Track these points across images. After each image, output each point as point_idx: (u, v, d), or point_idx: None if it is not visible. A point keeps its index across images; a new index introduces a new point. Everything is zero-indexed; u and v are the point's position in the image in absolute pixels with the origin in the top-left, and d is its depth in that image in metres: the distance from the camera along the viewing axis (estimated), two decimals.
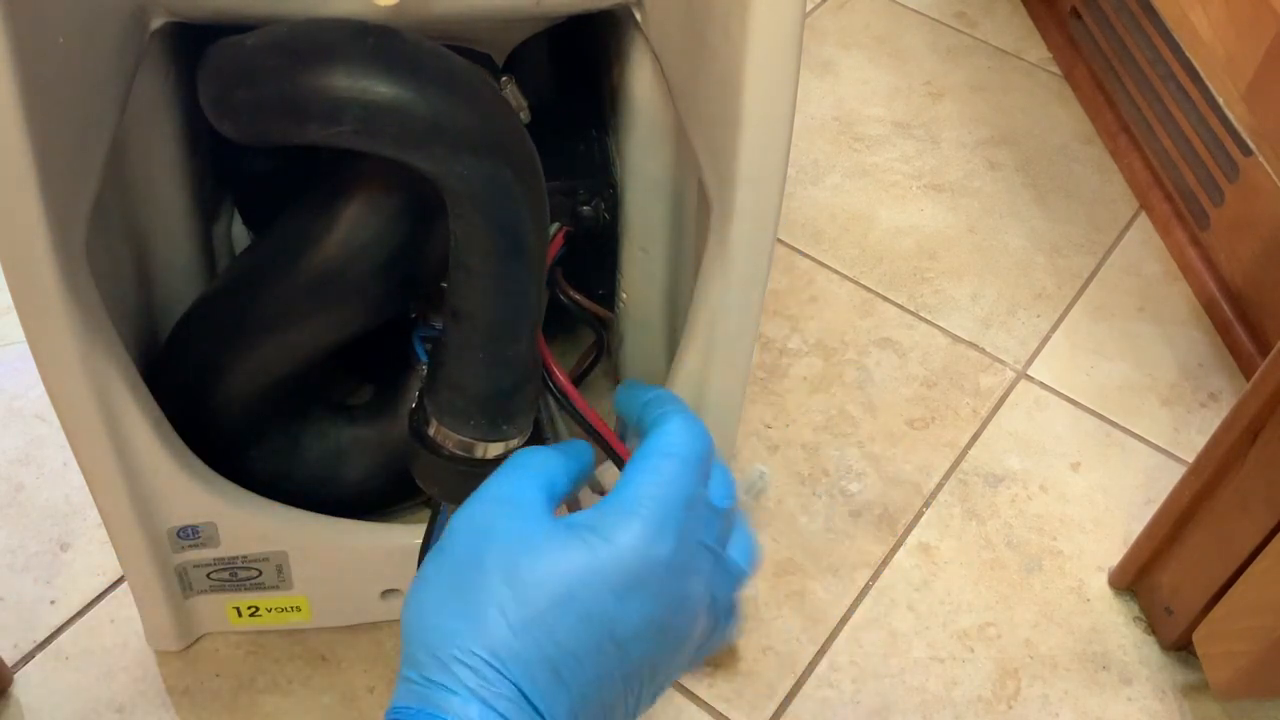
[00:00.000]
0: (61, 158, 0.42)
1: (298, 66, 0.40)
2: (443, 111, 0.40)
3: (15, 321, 0.43)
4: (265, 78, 0.41)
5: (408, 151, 0.41)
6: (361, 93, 0.40)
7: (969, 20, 1.06)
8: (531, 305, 0.46)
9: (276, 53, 0.41)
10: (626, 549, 0.38)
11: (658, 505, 0.39)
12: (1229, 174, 0.80)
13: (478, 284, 0.44)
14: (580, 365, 0.67)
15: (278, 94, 0.41)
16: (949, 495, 0.72)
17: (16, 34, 0.38)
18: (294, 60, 0.40)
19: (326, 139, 0.41)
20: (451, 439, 0.47)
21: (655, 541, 0.38)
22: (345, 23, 0.42)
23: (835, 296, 0.83)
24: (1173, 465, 0.74)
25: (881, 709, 0.63)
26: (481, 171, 0.41)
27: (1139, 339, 0.82)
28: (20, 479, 0.70)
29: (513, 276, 0.44)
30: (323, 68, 0.40)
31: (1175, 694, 0.64)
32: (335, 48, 0.40)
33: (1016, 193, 0.91)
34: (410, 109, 0.40)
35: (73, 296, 0.44)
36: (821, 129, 0.96)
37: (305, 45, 0.41)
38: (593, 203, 0.60)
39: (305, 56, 0.40)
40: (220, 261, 0.61)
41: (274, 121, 0.42)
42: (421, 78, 0.40)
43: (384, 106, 0.40)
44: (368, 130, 0.40)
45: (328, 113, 0.40)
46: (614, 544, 0.38)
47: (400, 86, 0.40)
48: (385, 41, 0.41)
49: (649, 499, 0.39)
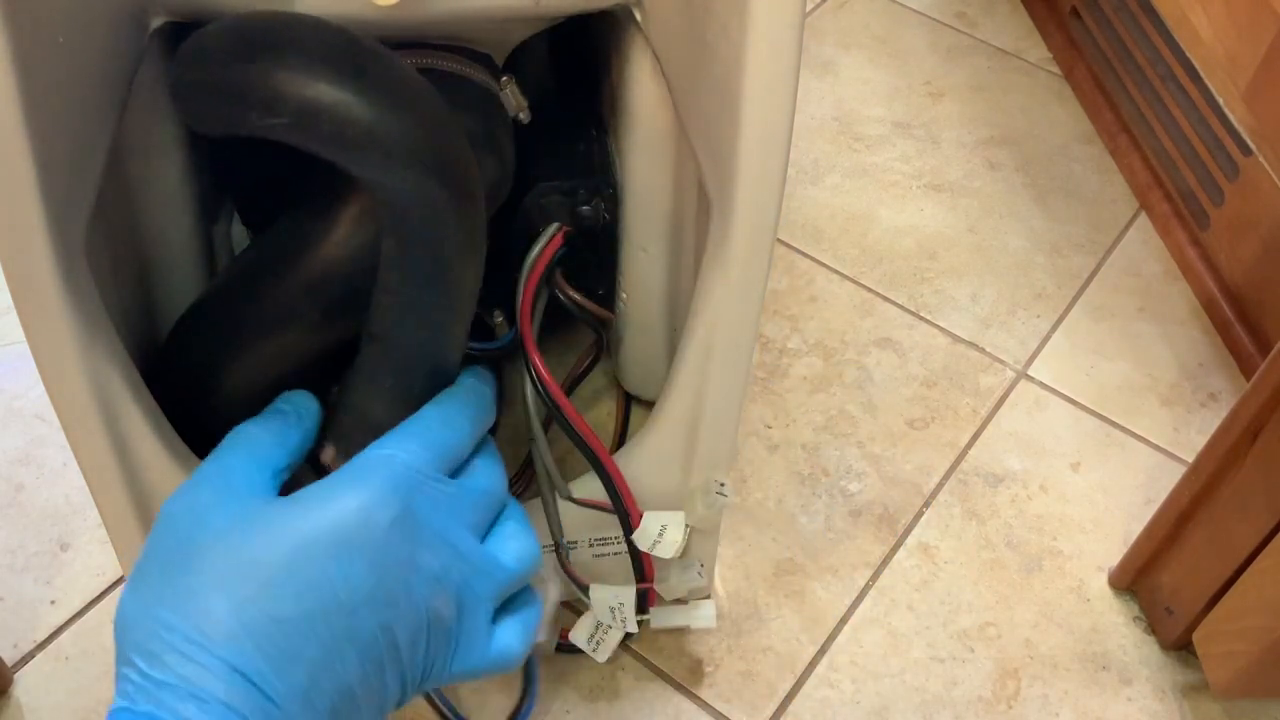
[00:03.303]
0: (61, 158, 0.42)
1: (245, 53, 0.40)
2: (383, 119, 0.39)
3: (15, 321, 0.43)
4: (213, 61, 0.40)
5: (342, 154, 0.40)
6: (301, 87, 0.39)
7: (969, 20, 1.06)
8: (450, 340, 0.45)
9: (230, 38, 0.41)
10: (342, 512, 0.37)
11: (380, 478, 0.39)
12: (1229, 174, 0.80)
13: (397, 307, 0.43)
14: (580, 365, 0.67)
15: (222, 78, 0.40)
16: (949, 495, 0.72)
17: (16, 34, 0.38)
18: (244, 47, 0.40)
19: (266, 130, 0.40)
20: None
21: (374, 510, 0.38)
22: (307, 19, 0.41)
23: (835, 296, 0.83)
24: (1173, 465, 0.74)
25: (881, 709, 0.63)
26: (414, 187, 0.40)
27: (1139, 339, 0.82)
28: (20, 479, 0.70)
29: (431, 305, 0.43)
30: (268, 58, 0.39)
31: (1175, 694, 0.64)
32: (286, 40, 0.40)
33: (1016, 193, 0.91)
34: (347, 111, 0.39)
35: (73, 296, 0.44)
36: (821, 129, 0.96)
37: (258, 34, 0.40)
38: (593, 203, 0.60)
39: (255, 45, 0.40)
40: (220, 261, 0.61)
41: (217, 106, 0.41)
42: (367, 83, 0.40)
43: (321, 104, 0.39)
44: (303, 126, 0.39)
45: (266, 102, 0.39)
46: (329, 509, 0.37)
47: (342, 88, 0.39)
48: (340, 42, 0.40)
49: (371, 470, 0.39)
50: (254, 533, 0.37)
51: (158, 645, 0.34)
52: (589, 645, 0.58)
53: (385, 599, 0.37)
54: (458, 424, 0.43)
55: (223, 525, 0.37)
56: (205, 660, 0.34)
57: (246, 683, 0.34)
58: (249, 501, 0.39)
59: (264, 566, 0.36)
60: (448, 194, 0.41)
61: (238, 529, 0.37)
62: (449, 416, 0.43)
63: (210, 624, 0.35)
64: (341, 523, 0.37)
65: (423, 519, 0.39)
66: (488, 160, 0.53)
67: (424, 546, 0.39)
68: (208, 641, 0.34)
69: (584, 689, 0.62)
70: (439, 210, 0.41)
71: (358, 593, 0.37)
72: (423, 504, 0.40)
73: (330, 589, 0.36)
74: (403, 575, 0.38)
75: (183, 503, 0.39)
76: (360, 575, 0.37)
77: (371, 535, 0.38)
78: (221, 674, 0.34)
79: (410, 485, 0.40)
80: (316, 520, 0.37)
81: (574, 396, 0.70)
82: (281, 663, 0.35)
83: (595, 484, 0.55)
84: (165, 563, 0.37)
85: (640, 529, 0.55)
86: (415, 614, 0.38)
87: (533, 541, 0.44)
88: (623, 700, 0.62)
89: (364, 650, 0.37)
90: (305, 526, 0.37)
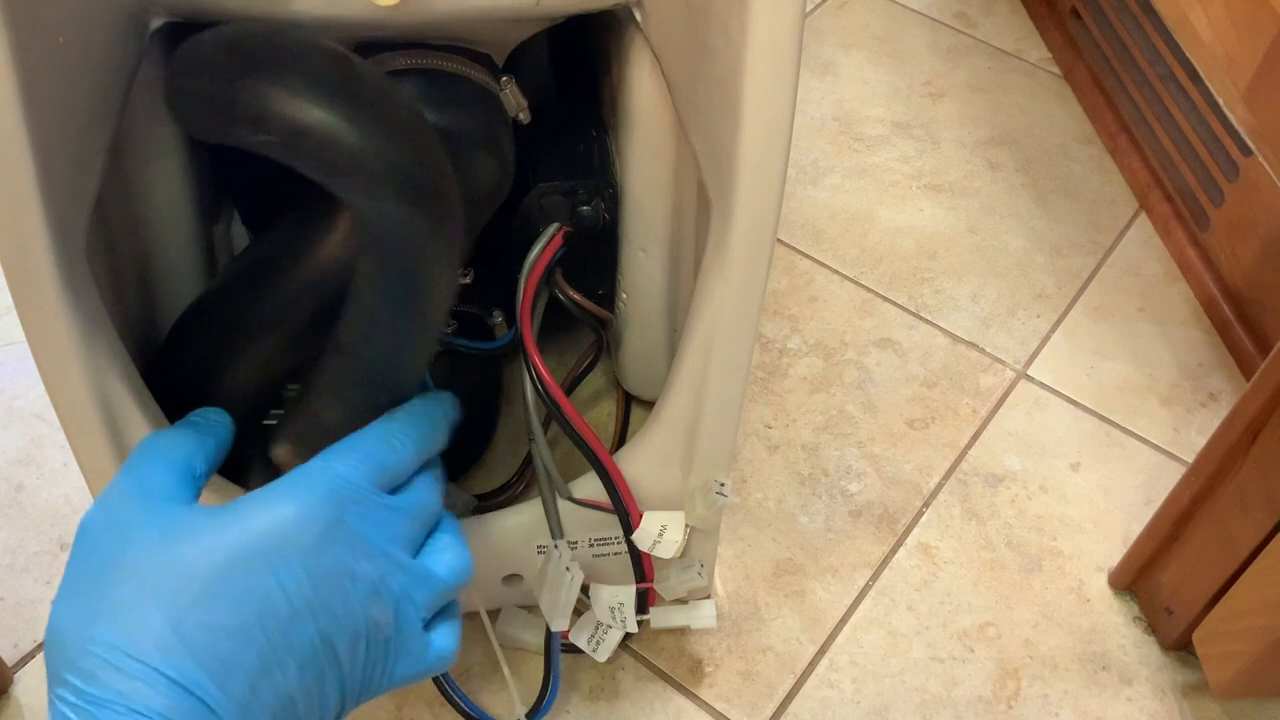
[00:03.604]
0: (61, 158, 0.42)
1: (240, 68, 0.40)
2: (368, 145, 0.40)
3: (15, 321, 0.43)
4: (207, 73, 0.41)
5: (327, 176, 0.40)
6: (290, 107, 0.39)
7: (969, 20, 1.06)
8: (417, 356, 0.45)
9: (225, 51, 0.41)
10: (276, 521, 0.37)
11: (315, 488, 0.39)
12: (1229, 174, 0.80)
13: (365, 322, 0.43)
14: (580, 365, 0.67)
15: (215, 91, 0.40)
16: (949, 495, 0.72)
17: (16, 34, 0.38)
18: (239, 61, 0.40)
19: (253, 145, 0.40)
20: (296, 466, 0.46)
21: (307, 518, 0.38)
22: (305, 37, 0.41)
23: (835, 296, 0.83)
24: (1173, 465, 0.74)
25: (881, 709, 0.63)
26: (396, 215, 0.40)
27: (1139, 339, 0.82)
28: (20, 479, 0.70)
29: (403, 323, 0.43)
30: (262, 75, 0.39)
31: (1175, 694, 0.64)
32: (282, 58, 0.40)
33: (1016, 193, 0.91)
34: (335, 135, 0.39)
35: (73, 296, 0.44)
36: (821, 129, 0.96)
37: (254, 48, 0.40)
38: (593, 203, 0.60)
39: (250, 60, 0.40)
40: (220, 261, 0.61)
41: (208, 116, 0.41)
42: (358, 108, 0.40)
43: (309, 126, 0.39)
44: (290, 146, 0.40)
45: (254, 119, 0.39)
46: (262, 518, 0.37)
47: (332, 112, 0.39)
48: (335, 64, 0.41)
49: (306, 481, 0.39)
50: (185, 542, 0.36)
51: (93, 662, 0.34)
52: (589, 645, 0.58)
53: (323, 608, 0.37)
54: (400, 444, 0.43)
55: (151, 537, 0.37)
56: (143, 674, 0.33)
57: (187, 694, 0.34)
58: (174, 511, 0.38)
59: (198, 576, 0.35)
60: (428, 225, 0.41)
61: (167, 539, 0.37)
62: (392, 435, 0.43)
63: (146, 637, 0.34)
64: (275, 531, 0.37)
65: (357, 530, 0.40)
66: (488, 160, 0.53)
67: (360, 556, 0.39)
68: (145, 655, 0.34)
69: (584, 689, 0.63)
70: (418, 239, 0.41)
71: (295, 601, 0.37)
72: (357, 515, 0.40)
73: (267, 597, 0.36)
74: (340, 584, 0.38)
75: (104, 515, 0.38)
76: (297, 583, 0.37)
77: (305, 543, 0.38)
78: (160, 687, 0.33)
79: (345, 497, 0.40)
80: (249, 528, 0.37)
81: (574, 396, 0.70)
82: (221, 673, 0.34)
83: (595, 484, 0.55)
84: (93, 578, 0.36)
85: (640, 529, 0.55)
86: (354, 623, 0.38)
87: (466, 554, 0.45)
88: (623, 700, 0.62)
89: (304, 660, 0.37)
90: (238, 535, 0.37)
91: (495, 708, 0.61)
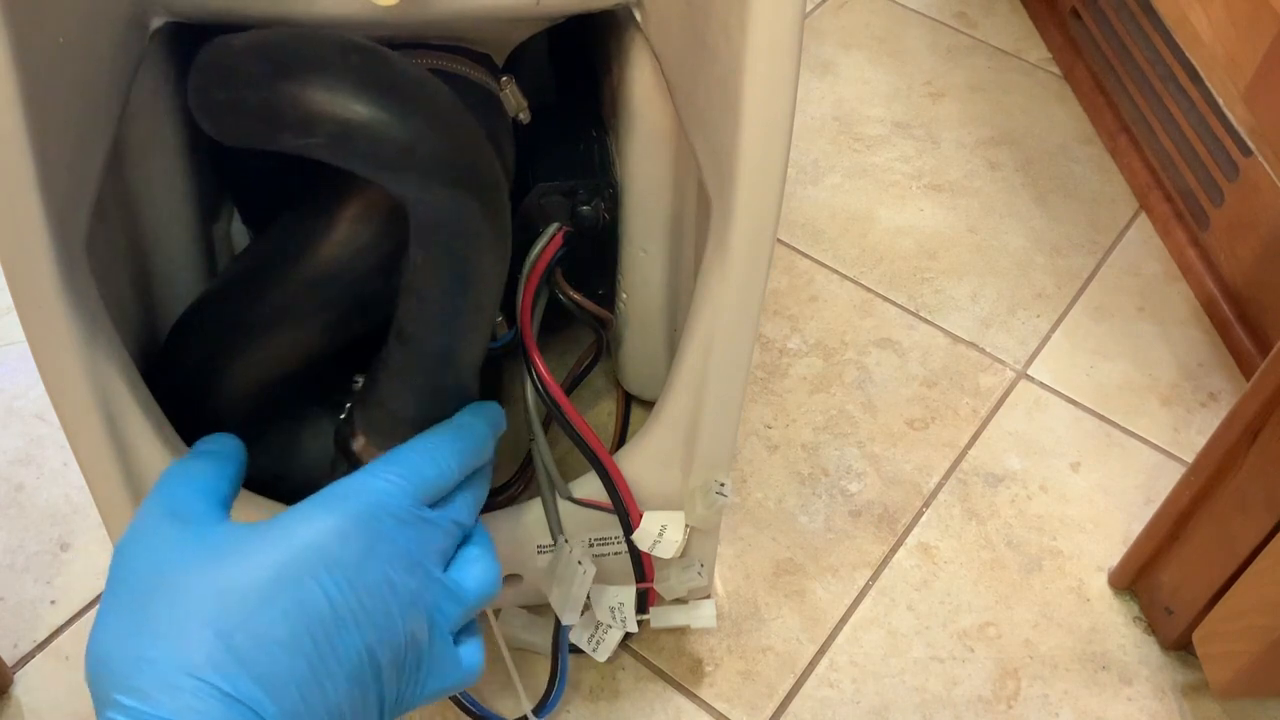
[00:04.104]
0: (61, 158, 0.42)
1: (278, 74, 0.40)
2: (419, 138, 0.40)
3: (15, 321, 0.43)
4: (244, 81, 0.41)
5: (379, 172, 0.40)
6: (338, 108, 0.39)
7: (969, 20, 1.06)
8: (478, 340, 0.46)
9: (258, 57, 0.41)
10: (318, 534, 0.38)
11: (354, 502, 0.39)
12: (1229, 174, 0.80)
13: (428, 312, 0.44)
14: (580, 365, 0.67)
15: (255, 99, 0.40)
16: (949, 495, 0.72)
17: (16, 34, 0.38)
18: (274, 68, 0.40)
19: (299, 149, 0.41)
20: (370, 454, 0.46)
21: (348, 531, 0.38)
22: (333, 36, 0.41)
23: (835, 296, 0.83)
24: (1173, 465, 0.74)
25: (881, 709, 0.63)
26: (450, 203, 0.41)
27: (1139, 339, 0.82)
28: (20, 479, 0.70)
29: (464, 310, 0.44)
30: (302, 78, 0.39)
31: (1175, 694, 0.64)
32: (317, 60, 0.40)
33: (1016, 193, 0.91)
34: (385, 131, 0.39)
35: (73, 296, 0.44)
36: (821, 129, 0.96)
37: (288, 53, 0.40)
38: (593, 203, 0.60)
39: (286, 65, 0.40)
40: (220, 261, 0.61)
41: (249, 125, 0.41)
42: (401, 101, 0.40)
43: (359, 125, 0.39)
44: (340, 146, 0.40)
45: (301, 124, 0.39)
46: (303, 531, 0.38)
47: (378, 108, 0.39)
48: (370, 59, 0.41)
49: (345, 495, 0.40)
50: (231, 559, 0.37)
51: (145, 681, 0.34)
52: (589, 645, 0.58)
53: (367, 619, 0.38)
54: (443, 458, 0.43)
55: (194, 555, 0.37)
56: (197, 690, 0.34)
57: (241, 707, 0.34)
58: (213, 530, 0.38)
59: (246, 591, 0.36)
60: (481, 208, 0.42)
61: (212, 557, 0.37)
62: (437, 449, 0.44)
63: (199, 653, 0.34)
64: (318, 544, 0.38)
65: (397, 543, 0.40)
66: None
67: (400, 570, 0.39)
68: (198, 670, 0.34)
69: (584, 689, 0.63)
70: (473, 224, 0.42)
71: (341, 612, 0.37)
72: (396, 529, 0.40)
73: (315, 608, 0.36)
74: (381, 597, 0.38)
75: (141, 538, 0.38)
76: (342, 594, 0.37)
77: (348, 556, 0.38)
78: (215, 701, 0.34)
79: (386, 510, 0.40)
80: (293, 542, 0.37)
81: (574, 396, 0.70)
82: (273, 685, 0.35)
83: (595, 484, 0.55)
84: (137, 599, 0.36)
85: (640, 529, 0.55)
86: (394, 636, 0.39)
87: (495, 567, 0.45)
88: (623, 700, 0.62)
89: (350, 671, 0.37)
90: (283, 549, 0.37)
91: (496, 706, 0.61)
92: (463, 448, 0.44)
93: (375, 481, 0.41)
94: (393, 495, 0.41)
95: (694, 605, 0.60)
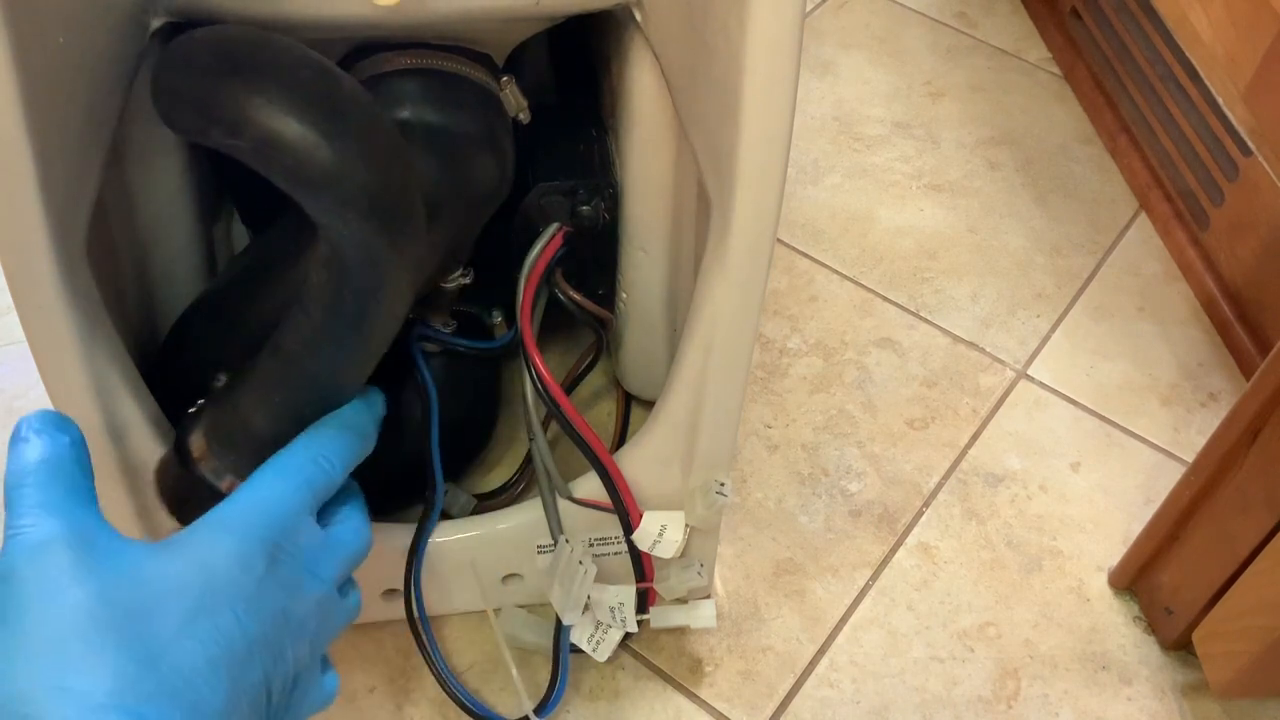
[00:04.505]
0: (61, 158, 0.42)
1: (224, 71, 0.40)
2: (343, 164, 0.39)
3: (15, 321, 0.43)
4: (192, 71, 0.41)
5: (296, 188, 0.40)
6: (268, 117, 0.39)
7: (969, 20, 1.06)
8: (353, 376, 0.45)
9: (213, 51, 0.41)
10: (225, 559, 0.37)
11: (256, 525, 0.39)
12: (1229, 174, 0.80)
13: (312, 335, 0.43)
14: (580, 365, 0.67)
15: (197, 90, 0.40)
16: (949, 495, 0.72)
17: (17, 34, 0.38)
18: (223, 64, 0.40)
19: (227, 148, 0.40)
20: (209, 461, 0.45)
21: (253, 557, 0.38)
22: (296, 48, 0.41)
23: (835, 296, 0.83)
24: (1173, 465, 0.74)
25: (881, 709, 0.63)
26: (362, 236, 0.40)
27: (1139, 339, 0.82)
28: None
29: (349, 343, 0.43)
30: (244, 80, 0.39)
31: (1175, 694, 0.64)
32: (267, 66, 0.40)
33: (1016, 193, 0.91)
34: (309, 151, 0.39)
35: (73, 296, 0.44)
36: (821, 129, 0.96)
37: (242, 53, 0.40)
38: (593, 203, 0.60)
39: (235, 64, 0.40)
40: (220, 261, 0.61)
41: (187, 115, 0.41)
42: (336, 125, 0.39)
43: (285, 138, 0.39)
44: (263, 155, 0.40)
45: (231, 124, 0.39)
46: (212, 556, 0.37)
47: (309, 126, 0.39)
48: (319, 77, 0.40)
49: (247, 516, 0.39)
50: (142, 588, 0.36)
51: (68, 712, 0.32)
52: (589, 645, 0.58)
53: (266, 647, 0.38)
54: (330, 459, 0.43)
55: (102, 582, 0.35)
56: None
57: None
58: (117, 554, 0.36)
59: (164, 620, 0.35)
60: (393, 250, 0.41)
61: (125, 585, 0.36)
62: (322, 451, 0.43)
63: (121, 682, 0.33)
64: (227, 572, 0.37)
65: (292, 565, 0.40)
66: (488, 160, 0.53)
67: (294, 594, 0.39)
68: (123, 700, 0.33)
69: (584, 689, 0.63)
70: (379, 262, 0.41)
71: (252, 640, 0.37)
72: (293, 550, 0.40)
73: (229, 638, 0.36)
74: (278, 623, 0.38)
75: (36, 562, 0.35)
76: (251, 624, 0.37)
77: (250, 583, 0.38)
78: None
79: (284, 527, 0.40)
80: (205, 570, 0.37)
81: (574, 396, 0.70)
82: (197, 715, 0.34)
83: (595, 484, 0.55)
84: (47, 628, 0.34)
85: (640, 529, 0.55)
86: (285, 664, 0.39)
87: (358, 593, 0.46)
88: (623, 700, 0.62)
89: (252, 700, 0.37)
90: (195, 577, 0.37)
91: (496, 706, 0.61)
92: (347, 447, 0.44)
93: (270, 495, 0.41)
94: (289, 512, 0.41)
95: (694, 605, 0.60)
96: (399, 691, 0.62)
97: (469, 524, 0.60)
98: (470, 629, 0.64)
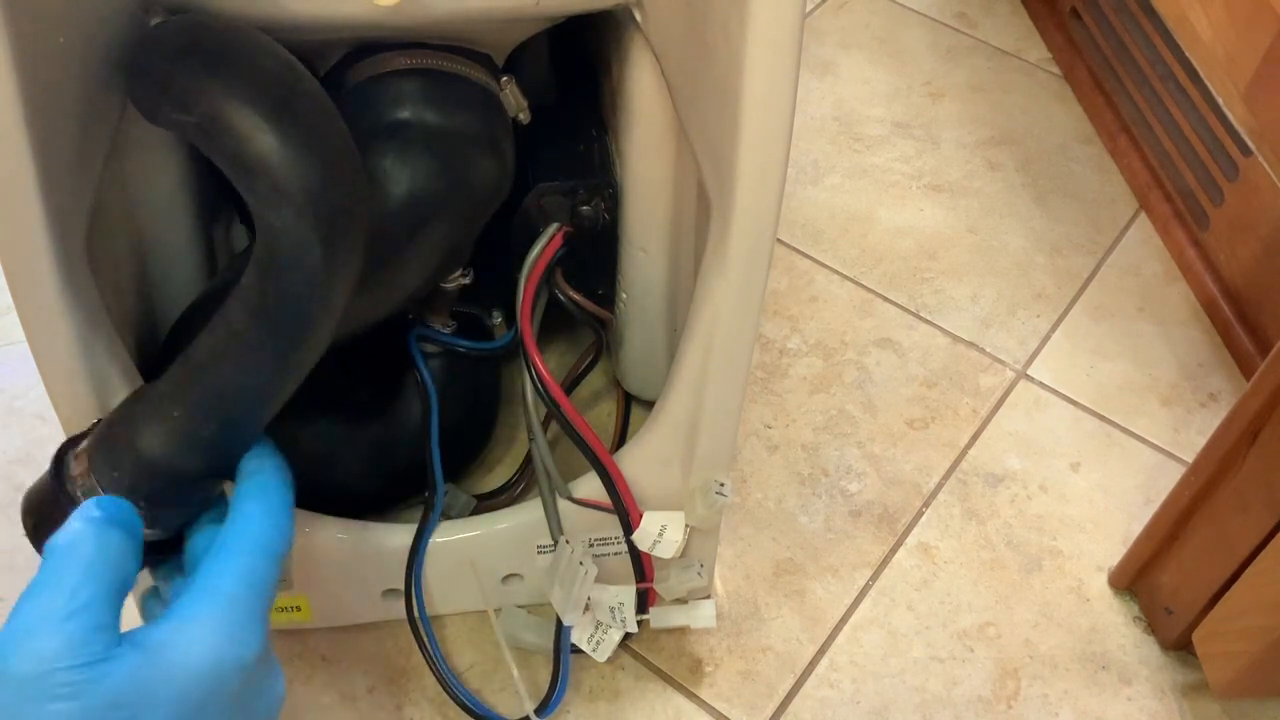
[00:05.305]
0: (61, 158, 0.42)
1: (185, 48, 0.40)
2: (284, 154, 0.38)
3: (15, 321, 0.43)
4: (158, 48, 0.41)
5: (234, 173, 0.39)
6: (217, 95, 0.39)
7: (969, 20, 1.06)
8: (266, 402, 0.41)
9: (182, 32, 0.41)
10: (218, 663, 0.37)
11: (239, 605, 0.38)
12: (1229, 174, 0.80)
13: (225, 340, 0.40)
14: (580, 365, 0.67)
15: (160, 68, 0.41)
16: (949, 495, 0.72)
17: (17, 34, 0.38)
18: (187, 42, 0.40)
19: (174, 124, 0.40)
20: (85, 480, 0.41)
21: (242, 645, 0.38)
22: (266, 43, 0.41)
23: (835, 296, 0.83)
24: (1173, 465, 0.74)
25: (881, 709, 0.63)
26: (293, 231, 0.39)
27: (1139, 339, 0.82)
28: (20, 479, 0.70)
29: (265, 357, 0.40)
30: (202, 59, 0.40)
31: (1175, 694, 0.64)
32: (231, 50, 0.40)
33: (1016, 193, 0.91)
34: (250, 134, 0.38)
35: (73, 296, 0.44)
36: (821, 129, 0.96)
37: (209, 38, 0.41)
38: (593, 203, 0.60)
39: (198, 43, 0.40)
40: (220, 261, 0.61)
41: (144, 90, 0.41)
42: (284, 116, 0.39)
43: (227, 119, 0.39)
44: (206, 134, 0.39)
45: (180, 97, 0.39)
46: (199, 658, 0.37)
47: (255, 111, 0.38)
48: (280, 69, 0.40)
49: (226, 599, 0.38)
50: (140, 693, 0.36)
51: None
52: (589, 645, 0.58)
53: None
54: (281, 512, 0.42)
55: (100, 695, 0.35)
56: None
57: None
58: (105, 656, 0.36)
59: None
60: (328, 257, 0.39)
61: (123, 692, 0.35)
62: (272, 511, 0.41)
63: None
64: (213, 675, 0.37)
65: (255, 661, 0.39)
66: (488, 160, 0.53)
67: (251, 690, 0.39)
68: None
69: (584, 689, 0.63)
70: (310, 266, 0.39)
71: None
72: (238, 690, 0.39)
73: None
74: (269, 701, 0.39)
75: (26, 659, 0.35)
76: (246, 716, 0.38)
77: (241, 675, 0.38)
78: None
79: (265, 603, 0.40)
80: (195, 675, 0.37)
81: (574, 396, 0.70)
82: None
83: (595, 484, 0.55)
84: None
85: (640, 529, 0.55)
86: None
87: None
88: (623, 700, 0.62)
89: None
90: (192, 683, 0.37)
91: (497, 706, 0.61)
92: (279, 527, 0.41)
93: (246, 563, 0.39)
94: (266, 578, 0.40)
95: (694, 605, 0.60)
96: (399, 691, 0.62)
97: (469, 524, 0.60)
98: (470, 629, 0.64)
